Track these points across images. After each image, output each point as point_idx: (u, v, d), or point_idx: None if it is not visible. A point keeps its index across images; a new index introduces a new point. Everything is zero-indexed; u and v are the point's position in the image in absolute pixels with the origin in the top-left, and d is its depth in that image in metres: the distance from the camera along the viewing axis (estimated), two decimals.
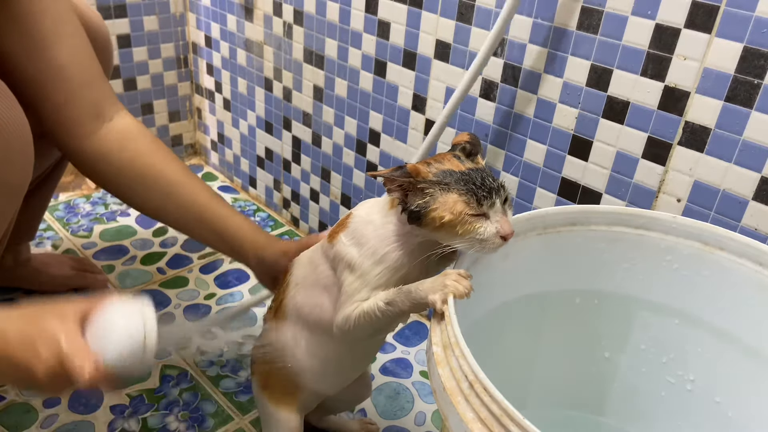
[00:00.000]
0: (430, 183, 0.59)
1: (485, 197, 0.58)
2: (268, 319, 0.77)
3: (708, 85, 0.72)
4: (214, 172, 1.63)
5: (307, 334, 0.72)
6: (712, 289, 0.68)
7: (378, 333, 0.69)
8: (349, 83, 1.16)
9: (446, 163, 0.61)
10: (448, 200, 0.58)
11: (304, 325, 0.72)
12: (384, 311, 0.61)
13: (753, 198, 0.72)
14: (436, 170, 0.60)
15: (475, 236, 0.58)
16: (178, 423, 0.94)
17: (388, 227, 0.63)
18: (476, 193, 0.58)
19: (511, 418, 0.44)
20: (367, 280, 0.63)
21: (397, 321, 0.64)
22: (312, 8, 1.16)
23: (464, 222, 0.58)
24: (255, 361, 0.82)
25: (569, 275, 0.72)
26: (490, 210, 0.58)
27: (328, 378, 0.77)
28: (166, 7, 1.47)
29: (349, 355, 0.75)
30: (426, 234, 0.61)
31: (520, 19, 0.87)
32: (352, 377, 0.81)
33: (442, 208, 0.58)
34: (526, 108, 0.90)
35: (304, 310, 0.71)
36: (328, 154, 1.27)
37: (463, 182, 0.59)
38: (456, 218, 0.58)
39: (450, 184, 0.58)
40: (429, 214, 0.58)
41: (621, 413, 0.79)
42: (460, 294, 0.55)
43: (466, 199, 0.58)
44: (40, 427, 0.92)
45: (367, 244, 0.63)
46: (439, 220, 0.58)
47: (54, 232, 1.34)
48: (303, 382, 0.76)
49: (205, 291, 1.21)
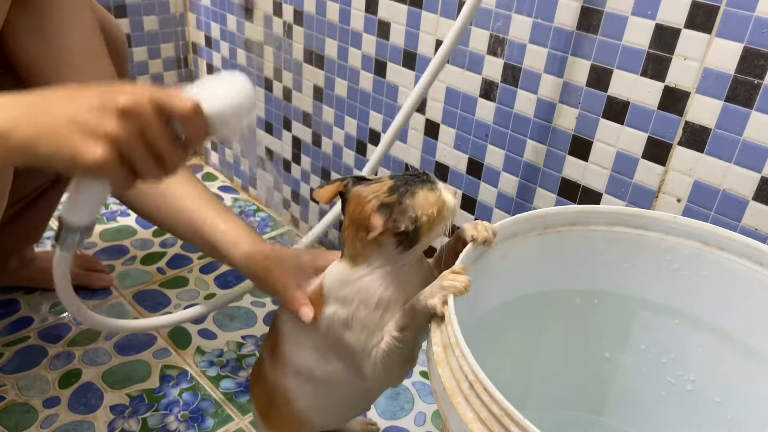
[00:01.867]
0: (397, 203, 0.58)
1: (432, 179, 0.60)
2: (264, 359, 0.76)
3: (708, 85, 0.72)
4: (214, 172, 1.63)
5: (313, 382, 0.70)
6: (712, 289, 0.68)
7: (409, 360, 0.67)
8: (349, 83, 1.16)
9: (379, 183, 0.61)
10: (419, 199, 0.59)
11: (309, 375, 0.70)
12: (402, 339, 0.60)
13: (753, 198, 0.72)
14: (389, 187, 0.59)
15: (449, 206, 0.60)
16: (178, 423, 0.94)
17: (364, 280, 0.62)
18: (429, 178, 0.60)
19: (511, 418, 0.44)
20: (371, 328, 0.62)
21: (418, 340, 0.62)
22: (312, 8, 1.16)
23: (441, 206, 0.59)
24: (254, 384, 0.80)
25: (569, 275, 0.72)
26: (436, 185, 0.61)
27: (336, 415, 0.77)
28: (166, 7, 1.47)
29: (362, 393, 0.73)
30: (416, 249, 0.61)
31: (520, 19, 0.87)
32: (362, 410, 0.80)
33: (423, 208, 0.58)
34: (527, 109, 0.90)
35: (306, 364, 0.69)
36: (328, 154, 1.27)
37: (405, 181, 0.60)
38: (438, 205, 0.59)
39: (404, 189, 0.59)
40: (420, 222, 0.58)
41: (621, 413, 0.79)
42: (458, 291, 0.54)
43: (430, 187, 0.59)
44: (40, 427, 0.92)
45: (354, 302, 0.62)
46: (430, 219, 0.58)
47: (54, 231, 1.34)
48: (310, 422, 0.74)
49: (205, 291, 1.21)
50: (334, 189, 0.64)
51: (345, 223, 0.62)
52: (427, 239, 0.60)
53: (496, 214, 1.00)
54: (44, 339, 1.07)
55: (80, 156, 0.50)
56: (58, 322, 1.11)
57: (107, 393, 0.98)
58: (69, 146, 0.50)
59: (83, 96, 0.52)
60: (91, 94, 0.51)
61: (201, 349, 1.07)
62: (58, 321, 1.11)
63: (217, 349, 1.08)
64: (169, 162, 0.55)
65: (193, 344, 1.08)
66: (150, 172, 0.54)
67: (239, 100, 0.56)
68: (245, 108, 0.56)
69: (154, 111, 0.52)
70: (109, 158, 0.50)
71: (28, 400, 0.96)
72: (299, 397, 0.72)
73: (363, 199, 0.60)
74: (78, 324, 1.10)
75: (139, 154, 0.52)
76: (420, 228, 0.59)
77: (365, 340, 0.62)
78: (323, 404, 0.72)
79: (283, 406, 0.73)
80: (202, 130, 0.54)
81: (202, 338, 1.09)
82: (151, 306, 1.16)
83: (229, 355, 1.07)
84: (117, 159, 0.51)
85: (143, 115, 0.51)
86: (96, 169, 0.51)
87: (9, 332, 1.08)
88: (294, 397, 0.72)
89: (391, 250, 0.60)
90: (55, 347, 1.06)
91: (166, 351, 1.06)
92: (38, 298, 1.16)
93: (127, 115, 0.50)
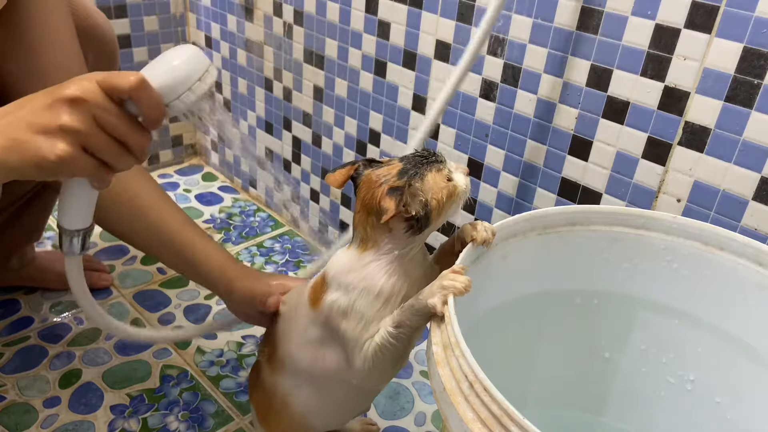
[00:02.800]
0: (412, 186, 0.59)
1: (440, 159, 0.61)
2: (262, 364, 0.76)
3: (708, 85, 0.72)
4: (214, 172, 1.63)
5: (310, 383, 0.70)
6: (712, 289, 0.68)
7: (399, 360, 0.67)
8: (349, 83, 1.16)
9: (389, 163, 0.61)
10: (428, 182, 0.59)
11: (306, 376, 0.70)
12: (396, 335, 0.60)
13: (753, 198, 0.72)
14: (387, 174, 0.60)
15: (462, 192, 0.60)
16: (178, 423, 0.94)
17: (370, 266, 0.62)
18: (437, 158, 0.60)
19: (511, 418, 0.44)
20: (368, 318, 0.62)
21: (412, 340, 0.63)
22: (312, 8, 1.16)
23: (452, 190, 0.60)
24: (253, 390, 0.80)
25: (569, 275, 0.72)
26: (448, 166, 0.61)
27: (337, 417, 0.77)
28: (167, 7, 1.47)
29: (358, 393, 0.73)
30: (427, 232, 0.61)
31: (520, 19, 0.87)
32: (362, 410, 0.81)
33: (433, 192, 0.59)
34: (527, 109, 0.90)
35: (303, 364, 0.69)
36: (328, 154, 1.27)
37: (415, 163, 0.60)
38: (449, 189, 0.59)
39: (414, 171, 0.59)
40: (431, 206, 0.59)
41: (621, 413, 0.79)
42: (459, 290, 0.54)
43: (438, 168, 0.60)
44: (40, 427, 0.92)
45: (356, 289, 0.62)
46: (440, 202, 0.59)
47: (54, 232, 1.34)
48: (309, 423, 0.74)
49: (205, 291, 1.21)
50: (345, 173, 0.64)
51: (356, 207, 0.62)
52: (438, 222, 0.61)
53: (496, 214, 1.00)
54: (44, 339, 1.07)
55: (44, 156, 0.50)
56: (58, 322, 1.11)
57: (107, 393, 0.98)
58: (31, 150, 0.50)
59: (32, 99, 0.52)
60: (39, 95, 0.52)
61: (201, 349, 1.07)
62: (58, 321, 1.11)
63: (217, 349, 1.08)
64: (133, 145, 0.54)
65: (193, 344, 1.08)
66: (117, 158, 0.54)
67: (186, 68, 0.55)
68: (194, 77, 0.55)
69: (103, 94, 0.51)
70: (71, 151, 0.50)
71: (28, 400, 0.96)
72: (297, 399, 0.72)
73: (373, 183, 0.60)
74: (78, 324, 1.10)
75: (100, 141, 0.52)
76: (430, 212, 0.59)
77: (360, 330, 0.62)
78: (321, 406, 0.72)
79: (282, 409, 0.73)
80: (155, 104, 0.54)
81: (203, 338, 1.09)
82: (151, 306, 1.16)
83: (229, 355, 1.07)
84: (81, 151, 0.51)
85: (93, 100, 0.51)
86: (62, 165, 0.51)
87: (9, 332, 1.08)
88: (292, 399, 0.72)
89: (401, 234, 0.60)
90: (55, 347, 1.06)
91: (166, 351, 1.06)
92: (38, 298, 1.16)
93: (77, 104, 0.50)
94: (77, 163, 0.52)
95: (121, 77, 0.52)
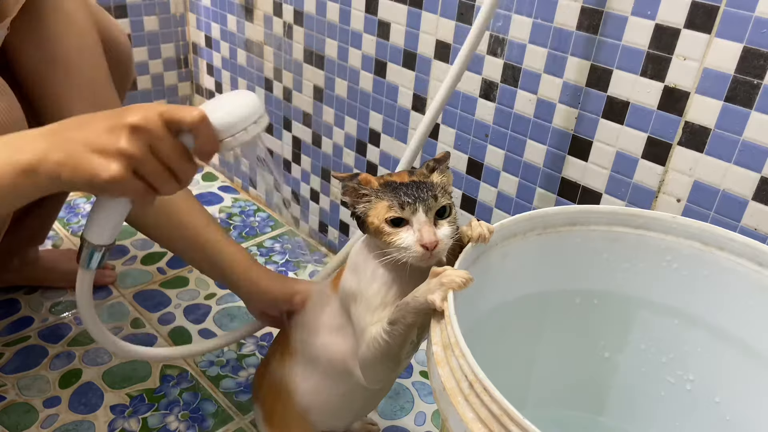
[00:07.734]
0: (372, 191, 0.62)
1: (408, 203, 0.59)
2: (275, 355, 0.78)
3: (708, 85, 0.72)
4: (214, 172, 1.63)
5: (318, 373, 0.72)
6: (712, 289, 0.68)
7: (395, 361, 0.66)
8: (349, 83, 1.16)
9: (395, 176, 0.63)
10: (378, 206, 0.61)
11: (315, 365, 0.72)
12: (390, 332, 0.60)
13: (753, 198, 0.72)
14: (384, 182, 0.62)
15: (398, 243, 0.59)
16: (178, 423, 0.94)
17: (376, 251, 0.64)
18: (400, 199, 0.59)
19: (511, 418, 0.44)
20: (369, 301, 0.63)
21: (407, 340, 0.62)
22: (312, 8, 1.16)
23: (387, 230, 0.60)
24: (259, 389, 0.81)
25: (569, 275, 0.72)
26: (413, 217, 0.59)
27: (339, 416, 0.78)
28: (167, 8, 1.47)
29: (362, 393, 0.74)
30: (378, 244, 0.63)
31: (520, 19, 0.87)
32: (363, 414, 0.81)
33: (374, 214, 0.61)
34: (527, 109, 0.90)
35: (316, 349, 0.71)
36: (328, 154, 1.27)
37: (394, 191, 0.60)
38: (380, 224, 0.60)
39: (386, 192, 0.61)
40: (367, 221, 0.61)
41: (621, 413, 0.79)
42: (458, 285, 0.53)
43: (389, 204, 0.60)
44: (40, 427, 0.92)
45: (363, 271, 0.65)
46: (371, 225, 0.61)
47: (54, 232, 1.34)
48: (311, 420, 0.76)
49: (205, 291, 1.21)
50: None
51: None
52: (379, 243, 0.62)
53: (496, 214, 1.00)
54: (45, 339, 1.07)
55: (97, 174, 0.53)
56: (58, 322, 1.11)
57: (107, 393, 0.98)
58: (86, 167, 0.53)
59: (95, 119, 0.55)
60: (102, 117, 0.55)
61: None
62: (58, 321, 1.11)
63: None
64: (181, 173, 0.58)
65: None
66: (164, 184, 0.57)
67: (245, 111, 0.59)
68: (251, 119, 0.59)
69: (163, 125, 0.55)
70: (124, 173, 0.54)
71: (28, 399, 0.96)
72: (304, 389, 0.73)
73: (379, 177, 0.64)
74: (78, 324, 1.10)
75: (152, 168, 0.55)
76: (365, 224, 0.63)
77: (363, 315, 0.64)
78: (324, 400, 0.74)
79: (287, 404, 0.74)
80: (211, 139, 0.57)
81: (203, 338, 1.10)
82: (151, 306, 1.16)
83: (229, 355, 1.07)
84: (132, 174, 0.55)
85: (152, 129, 0.54)
86: (113, 184, 0.54)
87: (9, 332, 1.08)
88: (299, 390, 0.74)
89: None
90: (55, 347, 1.06)
91: None
92: (39, 298, 1.16)
93: (137, 132, 0.54)
94: (127, 185, 0.55)
95: (185, 111, 0.55)
